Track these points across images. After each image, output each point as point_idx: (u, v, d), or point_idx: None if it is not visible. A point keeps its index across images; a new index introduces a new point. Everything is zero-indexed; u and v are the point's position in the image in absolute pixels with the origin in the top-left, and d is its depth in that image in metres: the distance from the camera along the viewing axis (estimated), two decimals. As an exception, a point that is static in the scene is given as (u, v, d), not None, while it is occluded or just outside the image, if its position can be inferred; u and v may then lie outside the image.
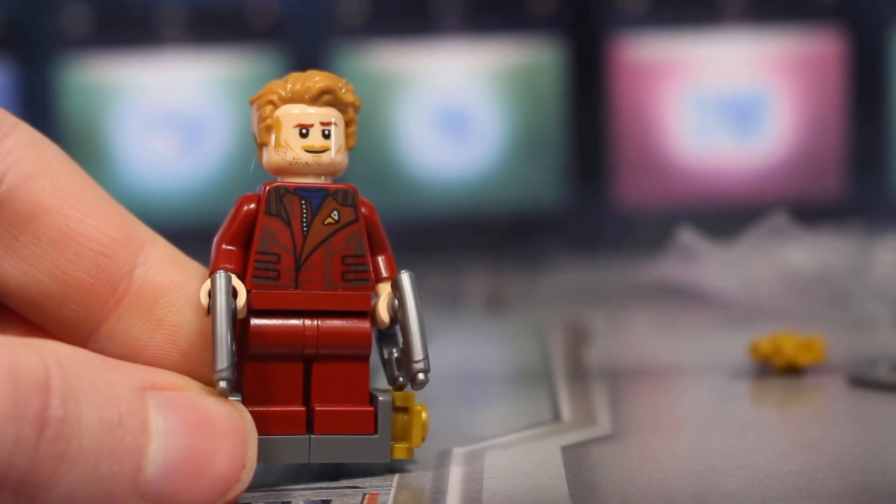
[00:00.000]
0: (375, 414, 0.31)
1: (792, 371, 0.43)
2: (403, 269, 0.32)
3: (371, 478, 0.32)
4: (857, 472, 0.32)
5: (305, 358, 0.31)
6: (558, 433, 0.36)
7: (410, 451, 0.32)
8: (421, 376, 0.31)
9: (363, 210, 0.32)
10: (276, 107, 0.31)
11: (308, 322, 0.31)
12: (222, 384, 0.29)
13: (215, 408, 0.29)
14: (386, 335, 0.33)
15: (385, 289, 0.32)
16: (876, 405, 0.39)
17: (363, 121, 0.33)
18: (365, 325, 0.32)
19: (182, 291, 0.31)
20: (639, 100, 0.77)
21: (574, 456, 0.34)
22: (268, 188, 0.31)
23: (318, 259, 0.31)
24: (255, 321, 0.31)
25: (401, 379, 0.32)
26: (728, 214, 0.74)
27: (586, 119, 0.77)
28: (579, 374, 0.45)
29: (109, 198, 0.32)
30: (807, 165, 0.77)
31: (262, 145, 0.32)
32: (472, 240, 0.77)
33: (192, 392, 0.29)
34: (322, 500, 0.30)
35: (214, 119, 0.76)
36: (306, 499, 0.31)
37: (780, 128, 0.77)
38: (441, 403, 0.41)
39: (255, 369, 0.31)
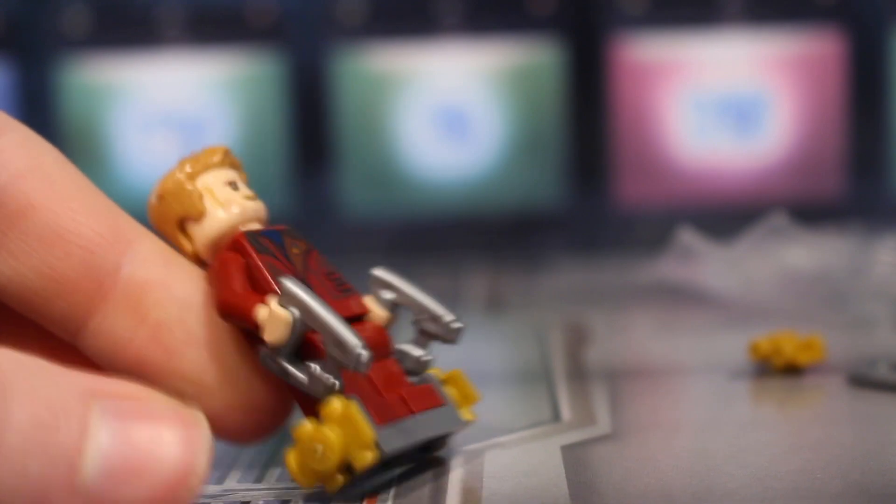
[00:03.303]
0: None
1: (791, 371, 0.43)
2: (398, 271, 0.33)
3: (371, 477, 0.32)
4: (856, 471, 0.32)
5: None
6: (558, 433, 0.36)
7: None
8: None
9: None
10: (193, 180, 0.32)
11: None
12: (365, 354, 0.29)
13: (167, 413, 0.27)
14: None
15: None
16: (876, 405, 0.39)
17: (364, 120, 0.33)
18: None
19: (167, 288, 0.31)
20: (639, 100, 0.77)
21: (574, 456, 0.34)
22: (239, 236, 0.31)
23: (314, 280, 0.32)
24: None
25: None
26: (728, 214, 0.74)
27: (586, 119, 0.77)
28: (579, 374, 0.45)
29: (101, 195, 0.32)
30: (807, 165, 0.77)
31: (198, 218, 0.32)
32: (472, 240, 0.77)
33: (147, 402, 0.27)
34: (322, 500, 0.30)
35: (214, 119, 0.76)
36: (306, 498, 0.31)
37: (780, 128, 0.77)
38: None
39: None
